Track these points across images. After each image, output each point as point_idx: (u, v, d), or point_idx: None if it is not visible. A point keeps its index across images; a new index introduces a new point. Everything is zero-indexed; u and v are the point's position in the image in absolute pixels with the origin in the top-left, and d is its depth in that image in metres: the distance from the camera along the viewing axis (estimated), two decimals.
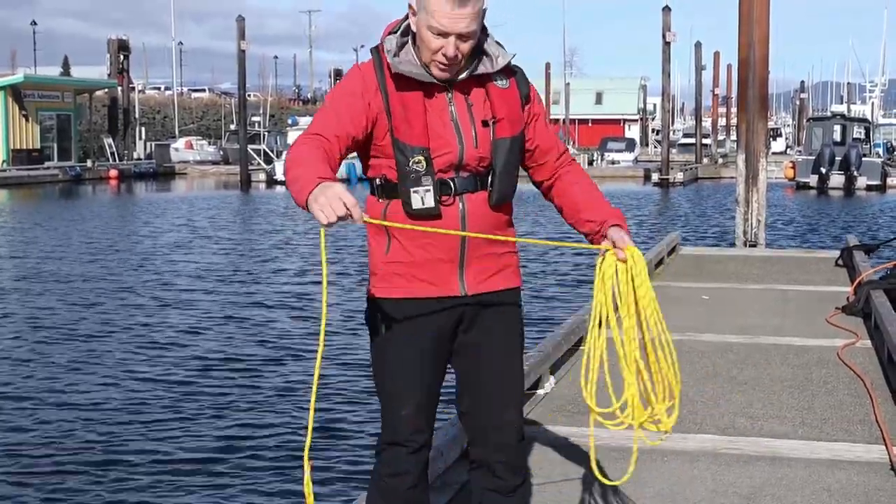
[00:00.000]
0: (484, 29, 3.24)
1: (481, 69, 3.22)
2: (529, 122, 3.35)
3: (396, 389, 3.33)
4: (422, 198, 3.19)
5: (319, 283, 16.35)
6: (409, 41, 3.21)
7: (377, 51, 3.26)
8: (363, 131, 3.20)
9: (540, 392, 6.14)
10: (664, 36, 49.23)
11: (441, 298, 3.27)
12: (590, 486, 4.58)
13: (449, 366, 3.40)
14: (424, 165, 3.18)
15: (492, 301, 3.33)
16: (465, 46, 3.13)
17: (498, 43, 3.30)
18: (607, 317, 3.20)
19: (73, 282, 16.60)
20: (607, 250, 3.24)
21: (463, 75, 3.21)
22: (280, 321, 13.22)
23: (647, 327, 3.26)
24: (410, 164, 3.17)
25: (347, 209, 2.83)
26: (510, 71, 3.31)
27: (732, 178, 16.07)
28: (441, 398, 3.40)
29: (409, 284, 3.27)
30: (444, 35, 3.08)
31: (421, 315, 3.27)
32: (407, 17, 3.23)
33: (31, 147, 51.69)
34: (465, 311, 3.31)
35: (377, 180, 3.27)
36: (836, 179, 41.83)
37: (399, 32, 3.22)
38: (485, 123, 3.24)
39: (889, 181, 43.90)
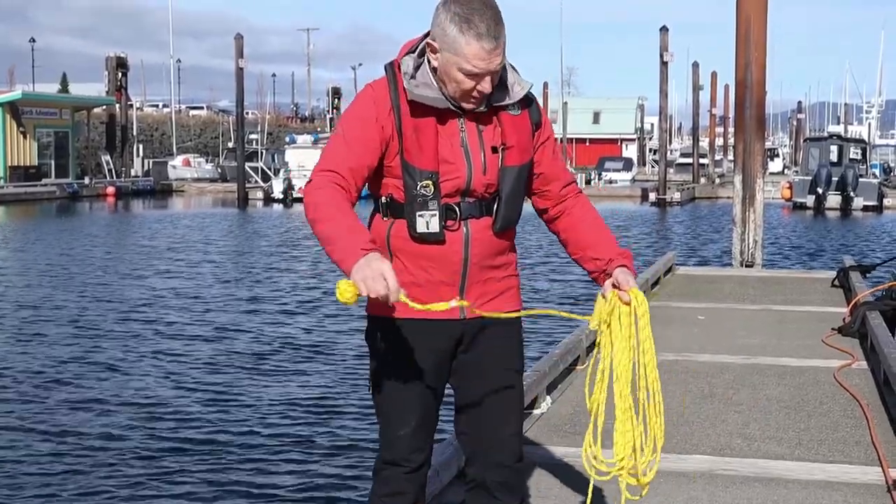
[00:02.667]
0: None
1: (498, 100, 3.20)
2: (537, 147, 3.33)
3: (395, 409, 3.32)
4: (427, 222, 3.18)
5: (317, 298, 16.38)
6: (425, 62, 3.17)
7: (392, 68, 3.20)
8: (378, 157, 3.18)
9: (536, 412, 6.14)
10: (662, 56, 49.41)
11: (441, 321, 3.25)
12: None
13: (448, 385, 3.41)
14: (432, 190, 3.16)
15: (492, 323, 3.32)
16: (496, 78, 3.13)
17: (513, 68, 3.26)
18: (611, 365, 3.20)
19: (66, 300, 16.58)
20: (610, 292, 3.23)
21: (482, 108, 3.19)
22: (277, 335, 13.21)
23: (645, 373, 3.26)
24: (418, 187, 3.16)
25: (387, 290, 2.87)
26: (525, 98, 3.27)
27: (729, 198, 16.10)
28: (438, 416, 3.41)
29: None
30: (479, 75, 3.08)
31: (420, 336, 3.27)
32: (425, 37, 3.19)
33: (28, 164, 51.70)
34: (465, 331, 3.31)
35: (383, 199, 3.26)
36: (833, 200, 41.90)
37: (416, 53, 3.18)
38: (494, 150, 3.22)
39: (885, 202, 44.01)
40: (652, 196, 49.33)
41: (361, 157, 3.14)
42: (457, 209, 3.21)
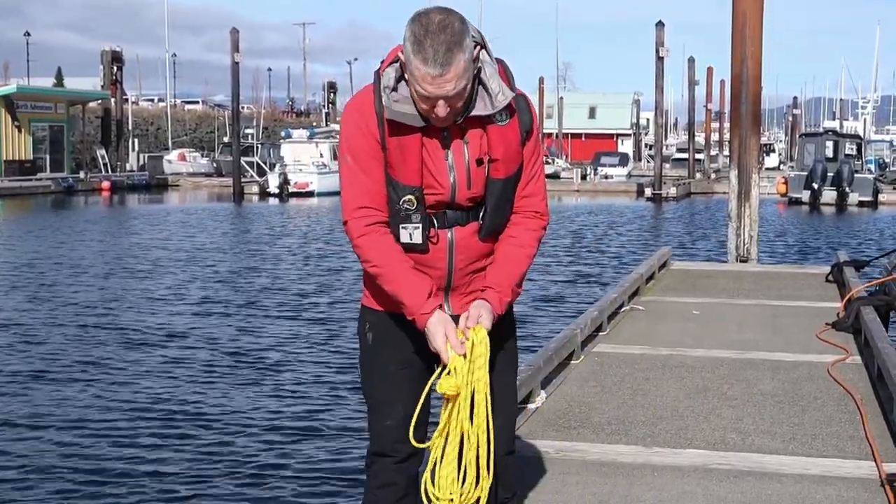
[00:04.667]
0: (486, 59, 3.15)
1: (478, 111, 3.14)
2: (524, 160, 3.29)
3: (381, 400, 3.35)
4: (410, 234, 3.21)
5: (316, 292, 16.39)
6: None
7: (379, 76, 3.17)
8: (385, 163, 3.20)
9: (531, 406, 6.15)
10: (657, 51, 49.38)
11: None
12: (580, 500, 4.59)
13: None
14: (415, 204, 3.18)
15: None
16: (456, 100, 3.05)
17: (507, 74, 3.20)
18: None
19: (60, 293, 16.57)
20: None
21: (459, 120, 3.16)
22: (277, 329, 13.21)
23: (476, 414, 3.20)
24: (401, 202, 3.18)
25: (446, 353, 3.11)
26: (515, 107, 3.22)
27: (725, 193, 16.11)
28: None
29: (395, 301, 3.28)
30: (431, 99, 3.03)
31: (406, 327, 3.29)
32: None
33: (23, 158, 51.65)
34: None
35: None
36: (829, 195, 41.94)
37: (399, 64, 3.13)
38: (479, 161, 3.20)
39: (881, 197, 44.07)
40: (648, 191, 49.33)
41: (378, 176, 3.17)
42: (441, 220, 3.24)
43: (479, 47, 3.10)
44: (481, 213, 3.26)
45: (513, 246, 3.32)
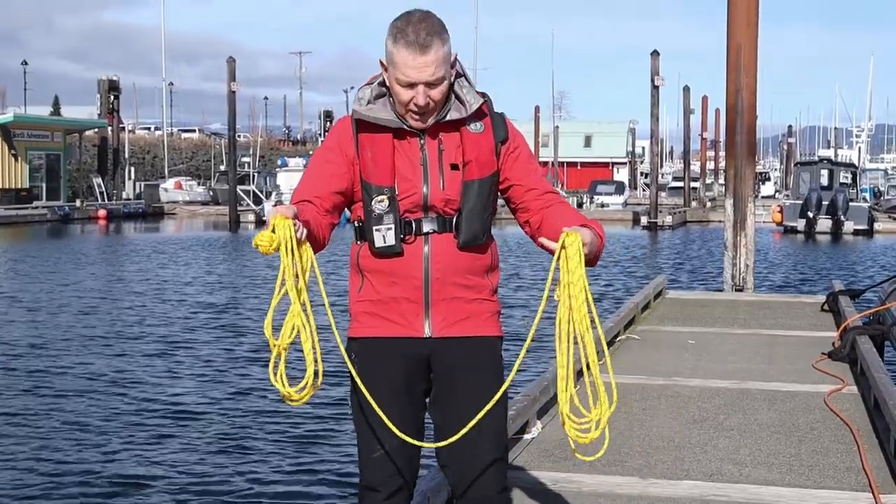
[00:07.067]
0: (460, 74, 3.30)
1: (452, 115, 3.26)
2: (506, 161, 3.34)
3: (367, 431, 3.33)
4: (384, 236, 3.26)
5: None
6: (388, 92, 3.28)
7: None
8: (348, 181, 3.29)
9: (527, 437, 6.13)
10: (653, 80, 49.59)
11: (407, 339, 3.29)
12: None
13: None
14: (387, 204, 3.24)
15: (463, 348, 3.31)
16: (435, 93, 3.18)
17: (471, 85, 3.33)
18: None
19: (51, 322, 16.53)
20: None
21: (431, 121, 3.25)
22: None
23: (571, 318, 3.12)
24: (373, 203, 3.25)
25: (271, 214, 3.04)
26: (484, 114, 3.32)
27: (721, 221, 16.13)
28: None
29: (376, 323, 3.32)
30: (413, 85, 3.15)
31: (389, 355, 3.30)
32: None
33: (19, 186, 51.68)
34: (434, 354, 3.31)
35: (356, 223, 3.36)
36: (824, 224, 42.04)
37: (377, 83, 3.31)
38: (454, 167, 3.27)
39: (876, 226, 44.16)
40: (643, 220, 49.43)
41: (328, 184, 3.27)
42: (415, 224, 3.27)
43: (454, 58, 3.25)
44: (455, 219, 3.28)
45: (571, 211, 3.33)
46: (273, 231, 3.01)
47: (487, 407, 3.19)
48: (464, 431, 3.18)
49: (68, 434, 9.53)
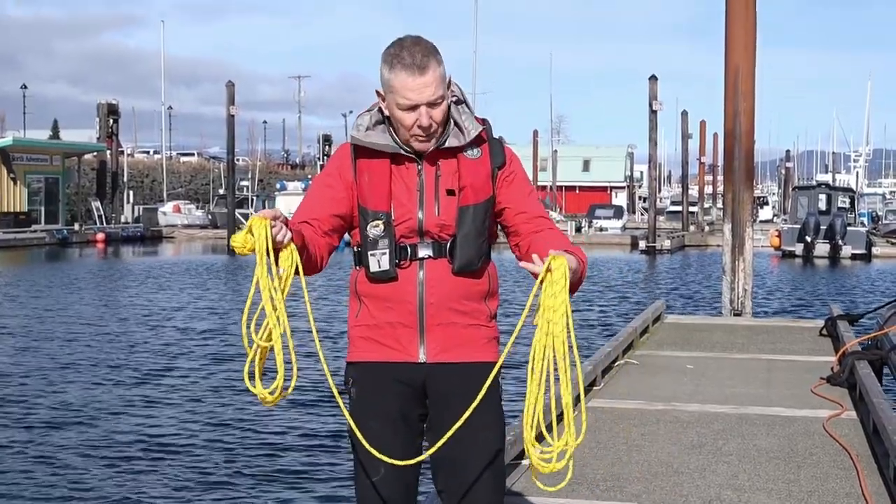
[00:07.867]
0: (460, 101, 3.32)
1: (451, 143, 3.28)
2: (501, 185, 3.34)
3: (364, 456, 3.29)
4: (378, 261, 3.27)
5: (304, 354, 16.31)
6: (386, 118, 3.29)
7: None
8: (347, 206, 3.31)
9: (525, 462, 6.10)
10: (651, 104, 49.74)
11: (403, 364, 3.28)
12: None
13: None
14: (382, 229, 3.26)
15: (458, 374, 3.29)
16: (437, 113, 3.20)
17: (471, 111, 3.34)
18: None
19: (52, 346, 16.51)
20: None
21: (433, 144, 3.26)
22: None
23: (552, 344, 3.09)
24: (369, 227, 3.27)
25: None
26: (483, 140, 3.33)
27: (719, 245, 16.14)
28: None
29: (372, 348, 3.32)
30: (414, 108, 3.16)
31: (385, 380, 3.29)
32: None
33: (18, 210, 51.68)
34: (429, 380, 3.30)
35: (355, 249, 3.38)
36: (822, 248, 42.07)
37: (377, 109, 3.32)
38: (450, 192, 3.28)
39: (874, 250, 44.19)
40: (642, 244, 49.42)
41: (326, 208, 3.30)
42: (410, 249, 3.28)
43: (450, 80, 3.28)
44: (449, 245, 3.28)
45: (544, 230, 3.31)
46: (250, 232, 3.01)
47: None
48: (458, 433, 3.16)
49: (47, 464, 9.50)
